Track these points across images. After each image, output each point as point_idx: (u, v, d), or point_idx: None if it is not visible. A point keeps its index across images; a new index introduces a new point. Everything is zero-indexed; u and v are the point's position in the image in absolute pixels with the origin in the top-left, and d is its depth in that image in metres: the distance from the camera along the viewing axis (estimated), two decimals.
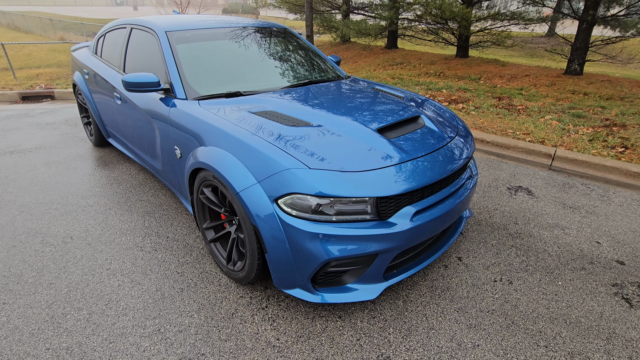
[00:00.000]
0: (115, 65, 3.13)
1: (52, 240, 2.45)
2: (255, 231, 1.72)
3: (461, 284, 2.10)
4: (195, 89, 2.33)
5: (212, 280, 2.11)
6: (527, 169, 3.64)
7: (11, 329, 1.77)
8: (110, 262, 2.24)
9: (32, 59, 10.15)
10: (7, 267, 2.19)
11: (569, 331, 1.81)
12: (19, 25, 20.17)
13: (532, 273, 2.20)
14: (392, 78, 7.28)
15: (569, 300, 2.01)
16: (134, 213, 2.78)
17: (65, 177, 3.35)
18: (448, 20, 8.27)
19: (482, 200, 3.03)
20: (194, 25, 2.77)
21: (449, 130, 2.17)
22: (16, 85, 6.95)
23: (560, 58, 9.35)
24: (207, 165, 1.88)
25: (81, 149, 4.03)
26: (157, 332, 1.76)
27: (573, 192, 3.19)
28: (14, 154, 3.87)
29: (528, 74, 7.16)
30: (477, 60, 8.48)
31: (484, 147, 4.11)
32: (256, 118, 1.98)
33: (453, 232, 2.20)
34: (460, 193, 1.97)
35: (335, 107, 2.19)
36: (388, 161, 1.72)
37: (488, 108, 5.22)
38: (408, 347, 1.71)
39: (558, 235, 2.57)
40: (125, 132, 3.12)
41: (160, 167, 2.64)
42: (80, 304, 1.92)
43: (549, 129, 4.36)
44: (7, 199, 2.97)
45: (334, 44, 12.43)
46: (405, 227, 1.66)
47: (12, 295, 1.98)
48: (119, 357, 1.63)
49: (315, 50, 3.19)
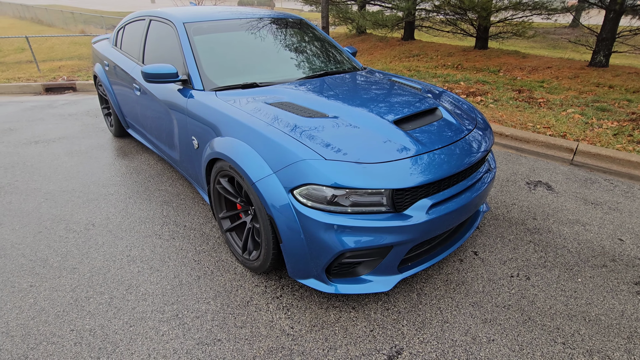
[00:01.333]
0: (135, 57, 3.18)
1: (75, 227, 2.54)
2: (270, 221, 1.74)
3: (477, 279, 2.08)
4: (212, 80, 2.35)
5: (228, 268, 2.15)
6: (547, 164, 3.55)
7: (38, 310, 1.85)
8: (130, 249, 2.31)
9: (55, 52, 10.42)
10: (34, 252, 2.28)
11: (588, 329, 1.77)
12: (42, 18, 20.70)
13: (550, 269, 2.16)
14: (408, 70, 7.17)
15: (589, 297, 1.96)
16: (153, 202, 2.85)
17: (87, 167, 3.44)
18: (467, 11, 8.06)
19: (500, 194, 2.97)
20: (211, 17, 2.79)
21: (467, 122, 2.13)
22: (40, 77, 7.15)
23: (584, 49, 9.02)
24: (223, 155, 1.90)
25: (102, 139, 4.13)
26: (175, 317, 1.81)
27: (595, 188, 3.10)
28: (39, 144, 4.00)
29: (550, 65, 6.94)
30: (496, 52, 8.27)
31: (502, 140, 4.02)
32: (272, 109, 1.99)
33: (469, 226, 2.17)
34: (478, 187, 1.94)
35: (351, 98, 2.17)
36: (404, 153, 1.71)
37: (507, 101, 5.09)
38: (422, 340, 1.71)
39: (578, 232, 2.51)
40: (144, 123, 3.18)
41: (178, 158, 2.69)
42: (102, 288, 1.99)
43: (571, 123, 4.23)
44: (33, 186, 3.08)
45: (350, 35, 12.30)
46: (420, 219, 1.65)
47: (39, 278, 2.06)
48: (139, 340, 1.69)
49: (331, 42, 3.17)
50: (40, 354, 1.62)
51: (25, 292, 1.96)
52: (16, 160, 3.59)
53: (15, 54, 10.21)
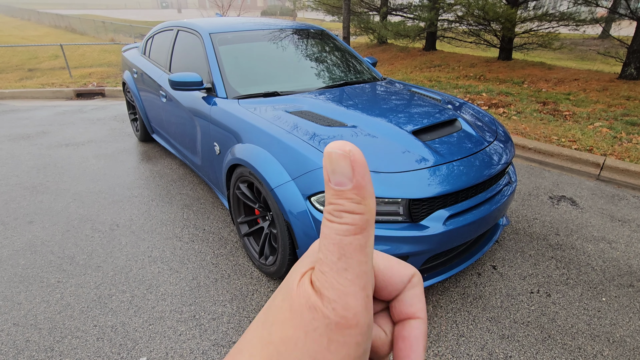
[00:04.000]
0: (162, 65, 3.31)
1: (100, 226, 2.64)
2: (287, 227, 1.77)
3: (495, 293, 2.04)
4: (235, 89, 2.42)
5: (245, 272, 2.19)
6: (572, 178, 3.45)
7: (64, 305, 1.93)
8: (151, 250, 2.38)
9: (86, 59, 10.93)
10: (62, 249, 2.38)
11: (612, 350, 1.70)
12: (75, 27, 21.77)
13: (572, 287, 2.09)
14: (429, 81, 7.14)
15: (613, 317, 1.89)
16: (174, 205, 2.93)
17: (113, 169, 3.59)
18: (491, 21, 7.98)
19: (521, 208, 2.91)
20: (235, 28, 2.88)
21: (487, 134, 2.11)
22: (72, 83, 7.52)
23: (614, 61, 8.75)
24: (244, 161, 1.96)
25: (128, 144, 4.30)
26: (193, 318, 1.86)
27: (623, 205, 2.99)
28: (69, 147, 4.20)
29: (577, 77, 6.76)
30: (521, 63, 8.13)
31: (525, 153, 3.94)
32: (292, 117, 2.03)
33: (488, 239, 2.14)
34: (497, 199, 1.92)
35: (371, 108, 2.19)
36: (422, 163, 1.71)
37: (531, 113, 4.99)
38: (436, 352, 1.68)
39: (604, 249, 2.42)
40: (168, 129, 3.29)
41: (200, 163, 2.77)
42: (124, 286, 2.06)
43: (598, 137, 4.11)
44: (63, 187, 3.23)
45: (371, 45, 12.37)
46: (437, 230, 1.64)
47: (66, 275, 2.16)
48: (157, 339, 1.74)
49: (351, 52, 3.21)
50: (65, 346, 1.69)
51: (53, 288, 2.05)
52: (48, 161, 3.78)
53: (50, 60, 10.77)
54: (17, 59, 10.89)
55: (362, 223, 0.19)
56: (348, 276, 0.19)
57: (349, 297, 0.19)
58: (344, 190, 0.19)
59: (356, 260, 0.19)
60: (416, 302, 0.23)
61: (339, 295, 0.18)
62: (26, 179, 3.39)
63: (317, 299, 0.19)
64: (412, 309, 0.23)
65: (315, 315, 0.18)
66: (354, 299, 0.19)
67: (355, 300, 0.19)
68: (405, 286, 0.23)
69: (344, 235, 0.19)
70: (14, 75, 8.58)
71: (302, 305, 0.19)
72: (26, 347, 1.70)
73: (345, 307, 0.18)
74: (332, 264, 0.19)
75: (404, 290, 0.23)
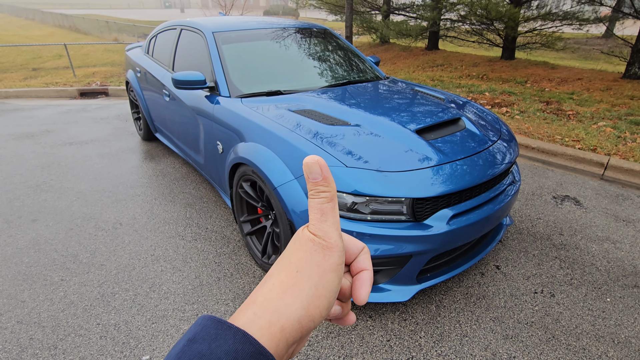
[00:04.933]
0: (165, 64, 3.32)
1: (104, 225, 2.65)
2: (290, 226, 1.77)
3: (498, 293, 2.03)
4: (238, 87, 2.42)
5: (247, 271, 2.19)
6: (575, 178, 3.43)
7: (67, 304, 1.94)
8: (154, 249, 2.38)
9: (90, 58, 10.96)
10: (65, 248, 2.39)
11: (617, 351, 1.69)
12: (79, 27, 21.85)
13: (577, 287, 2.08)
14: (431, 80, 7.12)
15: (618, 318, 1.88)
16: (177, 204, 2.94)
17: (117, 168, 3.60)
18: (494, 21, 7.95)
19: (525, 208, 2.90)
20: (238, 27, 2.88)
21: (491, 133, 2.10)
22: (75, 82, 7.54)
23: (617, 61, 8.71)
24: (247, 160, 1.95)
25: (131, 143, 4.31)
26: (195, 316, 1.86)
27: (627, 205, 2.97)
28: (73, 145, 4.21)
29: (581, 77, 6.73)
30: (524, 63, 8.09)
31: (528, 153, 3.92)
32: (295, 116, 2.03)
33: (492, 239, 2.13)
34: (501, 199, 1.91)
35: (374, 107, 2.19)
36: (426, 163, 1.70)
37: (534, 112, 4.97)
38: (439, 353, 1.68)
39: (608, 249, 2.41)
40: (171, 128, 3.30)
41: (203, 162, 2.77)
42: (127, 285, 2.07)
43: (602, 136, 4.08)
44: (66, 185, 3.24)
45: (373, 45, 12.35)
46: (441, 230, 1.63)
47: (69, 273, 2.16)
48: (160, 337, 1.74)
49: (354, 51, 3.20)
50: (68, 344, 1.70)
51: (56, 286, 2.06)
52: (52, 160, 3.79)
53: (54, 60, 10.82)
54: (21, 59, 10.94)
55: (331, 196, 0.33)
56: (327, 223, 0.33)
57: (329, 233, 0.33)
58: (318, 181, 0.33)
59: (330, 215, 0.33)
60: (366, 262, 0.37)
61: (324, 233, 0.33)
62: (30, 177, 3.40)
63: (313, 236, 0.33)
64: (363, 265, 0.37)
65: (313, 244, 0.33)
66: (332, 234, 0.33)
67: (333, 234, 0.33)
68: (360, 252, 0.38)
69: (322, 204, 0.33)
70: (18, 74, 8.62)
71: (306, 240, 0.33)
72: (30, 345, 1.70)
73: (328, 238, 0.33)
74: (317, 219, 0.33)
75: (359, 255, 0.38)
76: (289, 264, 0.32)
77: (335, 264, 0.32)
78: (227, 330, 0.27)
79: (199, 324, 0.28)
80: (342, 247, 0.33)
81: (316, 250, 0.32)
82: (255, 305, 0.30)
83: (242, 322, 0.29)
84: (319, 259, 0.32)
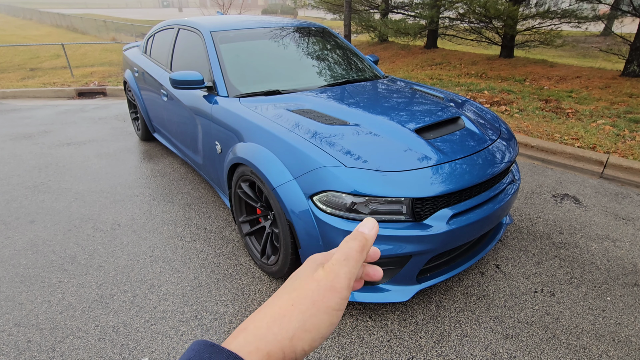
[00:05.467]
0: (163, 64, 3.30)
1: (102, 226, 2.63)
2: (289, 226, 1.76)
3: (498, 293, 2.03)
4: (236, 87, 2.41)
5: (247, 272, 2.18)
6: (575, 176, 3.43)
7: (66, 305, 1.92)
8: (153, 250, 2.37)
9: (87, 58, 10.92)
10: (63, 249, 2.38)
11: (617, 350, 1.69)
12: (77, 27, 21.76)
13: (577, 286, 2.08)
14: (430, 79, 7.11)
15: (618, 317, 1.87)
16: (175, 204, 2.93)
17: (115, 168, 3.58)
18: (492, 19, 7.94)
19: (524, 207, 2.89)
20: (236, 26, 2.87)
21: (490, 132, 2.09)
22: (73, 82, 7.51)
23: (616, 59, 8.71)
24: (245, 160, 1.94)
25: (129, 143, 4.29)
26: (194, 318, 1.85)
27: (627, 203, 2.96)
28: (71, 146, 4.19)
29: (579, 75, 6.73)
30: (522, 61, 8.09)
31: (527, 151, 3.92)
32: (294, 116, 2.02)
33: (491, 238, 2.12)
34: (501, 198, 1.90)
35: (373, 106, 2.18)
36: (425, 162, 1.70)
37: (533, 111, 4.97)
38: (440, 353, 1.67)
39: (608, 248, 2.40)
40: (169, 128, 3.28)
41: (201, 162, 2.76)
42: (125, 286, 2.06)
43: (601, 135, 4.08)
44: (64, 186, 3.23)
45: (372, 43, 12.33)
46: (440, 229, 1.63)
47: (67, 274, 2.15)
48: (159, 339, 1.73)
49: (353, 50, 3.19)
50: (66, 347, 1.69)
51: (54, 288, 2.05)
52: (49, 160, 3.77)
53: (51, 60, 10.77)
54: (19, 59, 10.90)
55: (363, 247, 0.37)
56: (344, 270, 0.35)
57: (341, 279, 0.34)
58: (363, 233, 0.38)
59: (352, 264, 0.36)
60: None
61: (336, 276, 0.34)
62: (28, 178, 3.38)
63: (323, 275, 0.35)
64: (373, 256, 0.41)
65: (318, 285, 0.34)
66: (343, 282, 0.34)
67: (344, 282, 0.34)
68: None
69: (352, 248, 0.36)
70: (15, 74, 8.59)
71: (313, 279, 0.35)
72: (28, 347, 1.69)
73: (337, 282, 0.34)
74: (339, 261, 0.35)
75: None
76: (288, 298, 0.34)
77: (331, 307, 0.33)
78: (219, 353, 0.29)
79: (192, 349, 0.30)
80: (346, 296, 0.34)
81: (319, 290, 0.34)
82: (246, 332, 0.32)
83: (233, 347, 0.31)
84: (317, 298, 0.33)
